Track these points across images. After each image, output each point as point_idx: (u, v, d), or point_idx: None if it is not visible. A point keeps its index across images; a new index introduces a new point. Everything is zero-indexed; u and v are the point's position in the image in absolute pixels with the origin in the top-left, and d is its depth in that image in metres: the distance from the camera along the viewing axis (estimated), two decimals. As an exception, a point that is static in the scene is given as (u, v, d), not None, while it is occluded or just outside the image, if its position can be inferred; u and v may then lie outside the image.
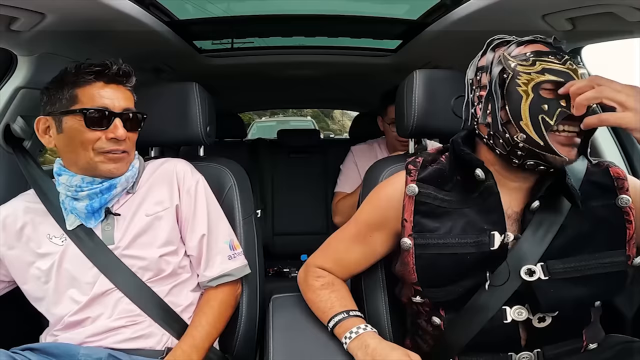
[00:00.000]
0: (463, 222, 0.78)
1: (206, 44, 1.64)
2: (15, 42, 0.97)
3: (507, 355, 0.79)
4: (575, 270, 0.74)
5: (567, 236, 0.76)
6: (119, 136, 0.89)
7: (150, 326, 0.91)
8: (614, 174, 0.79)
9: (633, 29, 0.91)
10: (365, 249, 0.89)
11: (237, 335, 1.05)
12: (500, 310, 0.76)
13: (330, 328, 0.83)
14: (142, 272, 0.93)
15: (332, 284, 0.90)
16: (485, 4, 0.98)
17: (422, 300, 0.83)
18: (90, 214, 0.91)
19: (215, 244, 1.00)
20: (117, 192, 0.93)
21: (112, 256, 0.91)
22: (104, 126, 0.88)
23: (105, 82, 0.90)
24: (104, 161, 0.90)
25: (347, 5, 1.52)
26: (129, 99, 0.94)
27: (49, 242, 0.92)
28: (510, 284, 0.75)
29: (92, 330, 0.89)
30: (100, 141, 0.89)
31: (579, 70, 0.71)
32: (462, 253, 0.76)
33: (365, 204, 0.91)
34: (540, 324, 0.76)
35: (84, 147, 0.89)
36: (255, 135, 4.74)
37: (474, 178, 0.76)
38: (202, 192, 1.02)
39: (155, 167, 1.03)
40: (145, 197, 0.97)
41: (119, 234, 0.93)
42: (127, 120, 0.91)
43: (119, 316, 0.90)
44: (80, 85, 0.89)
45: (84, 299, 0.89)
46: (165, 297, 0.94)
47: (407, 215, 0.81)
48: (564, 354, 0.80)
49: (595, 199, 0.77)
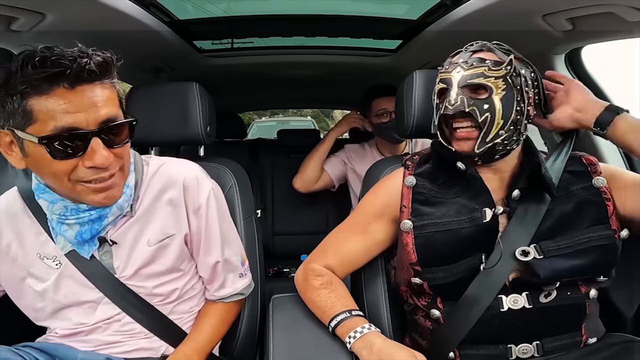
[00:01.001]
0: (456, 207, 0.85)
1: (206, 44, 1.64)
2: (15, 42, 0.97)
3: (507, 347, 0.80)
4: (568, 247, 0.79)
5: (554, 219, 0.82)
6: (99, 164, 0.67)
7: (150, 339, 0.88)
8: (586, 161, 0.88)
9: (633, 29, 0.91)
10: (365, 238, 0.92)
11: (237, 335, 1.05)
12: (496, 299, 0.79)
13: (332, 328, 0.83)
14: (148, 298, 0.86)
15: (330, 283, 0.90)
16: (485, 4, 0.98)
17: (420, 282, 0.84)
18: (81, 243, 0.78)
19: (228, 264, 0.94)
20: (110, 221, 0.79)
21: (117, 282, 0.83)
22: (79, 152, 0.67)
23: (69, 86, 0.64)
24: (87, 192, 0.71)
25: (347, 5, 1.52)
26: (109, 102, 0.69)
27: (41, 262, 0.81)
28: (505, 267, 0.79)
29: (88, 343, 0.85)
30: (78, 170, 0.68)
31: (469, 71, 0.82)
32: (457, 228, 0.82)
33: (365, 197, 0.97)
34: (547, 299, 0.79)
35: (57, 179, 0.69)
36: (255, 135, 4.74)
37: (458, 171, 0.85)
38: (213, 210, 0.88)
39: (156, 170, 0.87)
40: (147, 221, 0.83)
41: (120, 263, 0.83)
42: (110, 135, 0.69)
43: (118, 332, 0.85)
44: (32, 95, 0.63)
45: (84, 320, 0.83)
46: (169, 314, 0.90)
47: (406, 202, 0.88)
48: (563, 347, 0.81)
49: (574, 184, 0.86)
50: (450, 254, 0.82)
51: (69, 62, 0.63)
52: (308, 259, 0.97)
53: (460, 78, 0.82)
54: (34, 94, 0.64)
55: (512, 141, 0.82)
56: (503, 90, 0.80)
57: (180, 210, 0.85)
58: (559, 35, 1.03)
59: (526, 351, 0.80)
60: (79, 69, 0.64)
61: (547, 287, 0.79)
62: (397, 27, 1.43)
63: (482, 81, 0.80)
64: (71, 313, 0.84)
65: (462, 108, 0.80)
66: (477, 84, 0.81)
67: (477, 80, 0.81)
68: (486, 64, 0.81)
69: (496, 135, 0.80)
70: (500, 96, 0.80)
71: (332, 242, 0.96)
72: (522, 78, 0.82)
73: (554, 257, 0.78)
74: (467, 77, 0.82)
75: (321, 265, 0.93)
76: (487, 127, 0.80)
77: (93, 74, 0.66)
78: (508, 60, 0.81)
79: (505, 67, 0.81)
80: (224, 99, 2.28)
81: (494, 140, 0.81)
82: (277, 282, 1.86)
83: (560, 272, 0.78)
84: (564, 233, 0.80)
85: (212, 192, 0.90)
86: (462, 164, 0.84)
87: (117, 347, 0.85)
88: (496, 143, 0.81)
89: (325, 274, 0.92)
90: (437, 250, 0.83)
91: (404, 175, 0.91)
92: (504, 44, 0.86)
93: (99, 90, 0.68)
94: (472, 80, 0.81)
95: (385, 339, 0.79)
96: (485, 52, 0.84)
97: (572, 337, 0.81)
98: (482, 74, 0.81)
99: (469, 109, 0.80)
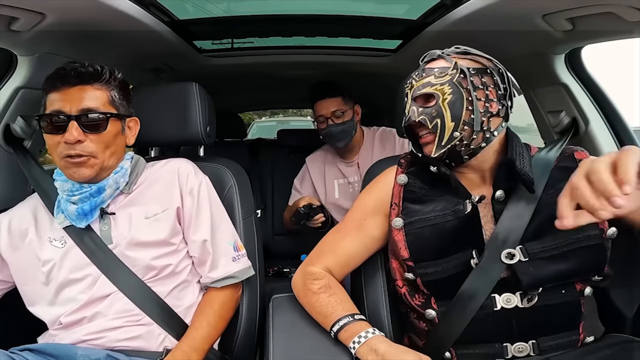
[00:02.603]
0: (443, 203, 0.87)
1: (206, 44, 1.64)
2: (15, 42, 0.98)
3: (502, 346, 0.80)
4: (553, 249, 0.79)
5: (540, 219, 0.81)
6: (68, 140, 0.86)
7: (149, 325, 0.91)
8: (578, 157, 0.88)
9: (633, 29, 0.91)
10: (361, 234, 0.94)
11: (237, 335, 1.05)
12: (489, 298, 0.80)
13: (334, 333, 0.82)
14: (142, 272, 0.92)
15: (329, 287, 0.89)
16: (485, 4, 0.98)
17: (413, 278, 0.85)
18: (81, 215, 0.90)
19: (218, 245, 0.99)
20: (109, 194, 0.93)
21: (112, 255, 0.91)
22: (59, 131, 0.87)
23: (69, 85, 0.88)
24: (66, 165, 0.89)
25: (347, 5, 1.52)
26: (93, 99, 0.89)
27: (50, 245, 0.92)
28: (495, 268, 0.80)
29: (90, 329, 0.88)
30: (60, 146, 0.87)
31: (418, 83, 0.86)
32: (442, 222, 0.85)
33: (360, 195, 0.99)
34: (529, 304, 0.80)
35: (51, 152, 0.90)
36: (255, 135, 4.74)
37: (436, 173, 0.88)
38: (205, 193, 1.01)
39: (157, 167, 1.02)
40: (142, 197, 0.97)
41: (117, 233, 0.93)
42: (86, 122, 0.88)
43: (117, 316, 0.89)
44: (48, 91, 0.89)
45: (84, 297, 0.89)
46: (165, 297, 0.94)
47: (396, 200, 0.91)
48: (559, 347, 0.81)
49: (563, 181, 0.81)
50: (438, 248, 0.84)
51: (68, 70, 0.88)
52: (305, 262, 0.97)
53: (413, 90, 0.87)
54: (50, 90, 0.89)
55: (475, 140, 0.83)
56: (450, 94, 0.82)
57: (175, 190, 0.98)
58: (559, 35, 1.03)
59: (522, 350, 0.80)
60: (69, 73, 0.88)
61: (530, 292, 0.79)
62: (397, 27, 1.43)
63: (429, 90, 0.84)
64: (71, 292, 0.90)
65: (413, 119, 0.85)
66: (424, 93, 0.85)
67: (424, 90, 0.85)
68: (433, 72, 0.85)
69: (450, 137, 0.83)
70: (447, 100, 0.82)
71: (328, 242, 0.97)
72: (470, 78, 0.82)
73: (539, 259, 0.79)
74: (416, 89, 0.86)
75: (319, 268, 0.93)
76: (440, 132, 0.83)
77: (79, 78, 0.88)
78: (453, 65, 0.84)
79: (450, 71, 0.83)
80: (224, 99, 2.27)
81: (450, 143, 0.83)
82: (277, 282, 1.86)
83: (543, 278, 0.78)
84: (551, 234, 0.80)
85: (206, 181, 1.03)
86: (433, 166, 0.88)
87: (118, 334, 0.88)
88: (455, 145, 0.83)
89: (323, 276, 0.91)
90: (426, 244, 0.85)
91: (397, 173, 0.94)
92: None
93: (89, 90, 0.90)
94: (420, 91, 0.85)
95: (391, 343, 0.79)
96: (435, 61, 0.88)
97: (569, 336, 0.81)
98: (428, 83, 0.85)
99: (419, 118, 0.84)
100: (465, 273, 0.81)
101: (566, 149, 0.91)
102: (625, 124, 1.18)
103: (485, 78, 0.84)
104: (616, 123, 1.17)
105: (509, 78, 0.87)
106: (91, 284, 0.90)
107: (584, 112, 1.17)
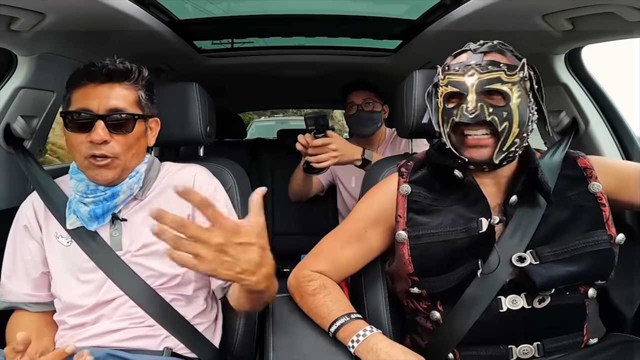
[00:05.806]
0: (452, 216, 0.83)
1: (206, 44, 1.64)
2: (15, 42, 0.97)
3: (507, 348, 0.80)
4: (564, 252, 0.79)
5: (549, 225, 0.81)
6: (94, 140, 0.83)
7: (152, 327, 0.90)
8: (581, 165, 0.87)
9: (633, 29, 0.91)
10: (361, 246, 0.91)
11: (236, 335, 1.05)
12: (495, 300, 0.79)
13: (332, 333, 0.82)
14: (151, 279, 0.90)
15: (324, 287, 0.89)
16: (485, 4, 0.98)
17: (419, 292, 0.84)
18: (93, 218, 0.89)
19: None
20: (122, 200, 0.90)
21: (119, 260, 0.89)
22: (86, 129, 0.84)
23: (98, 83, 0.85)
24: (89, 166, 0.86)
25: (347, 5, 1.52)
26: (121, 98, 0.87)
27: (56, 240, 0.92)
28: (502, 272, 0.79)
29: (93, 331, 0.88)
30: (84, 145, 0.84)
31: (485, 76, 0.78)
32: (453, 239, 0.81)
33: (361, 203, 0.95)
34: (540, 305, 0.79)
35: (73, 150, 0.87)
36: (253, 135, 4.73)
37: (455, 179, 0.83)
38: (221, 197, 0.98)
39: (172, 172, 0.99)
40: (155, 204, 0.93)
41: (127, 240, 0.91)
42: (113, 122, 0.85)
43: (121, 318, 0.89)
44: (74, 87, 0.86)
45: (90, 301, 0.88)
46: (171, 302, 0.91)
47: (401, 212, 0.87)
48: (564, 348, 0.81)
49: (570, 189, 0.85)
50: (446, 264, 0.82)
51: (94, 64, 0.85)
52: (300, 266, 0.95)
53: (477, 83, 0.78)
54: (76, 86, 0.86)
55: (521, 147, 0.82)
56: (518, 97, 0.78)
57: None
58: (559, 35, 1.03)
59: (527, 352, 0.80)
60: (99, 70, 0.84)
61: (542, 292, 0.79)
62: (397, 27, 1.42)
63: (500, 87, 0.77)
64: (77, 296, 0.88)
65: (482, 117, 0.77)
66: (495, 89, 0.78)
67: (495, 86, 0.77)
68: (502, 69, 0.78)
69: (512, 143, 0.79)
70: (517, 103, 0.78)
71: (326, 249, 0.94)
72: (531, 82, 0.81)
73: (550, 262, 0.78)
74: (484, 83, 0.78)
75: (314, 271, 0.92)
76: (505, 136, 0.78)
77: (110, 75, 0.85)
78: (521, 65, 0.79)
79: (518, 72, 0.79)
80: (223, 99, 2.27)
81: (510, 149, 0.79)
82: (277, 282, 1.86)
83: (556, 279, 0.77)
84: (560, 239, 0.80)
85: (219, 185, 1.01)
86: (459, 171, 0.82)
87: (120, 335, 0.87)
88: (511, 151, 0.80)
89: (318, 277, 0.91)
90: (433, 261, 0.82)
91: (399, 183, 0.89)
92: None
93: (117, 88, 0.87)
94: (490, 86, 0.77)
95: (392, 342, 0.78)
96: (495, 54, 0.81)
97: (574, 337, 0.81)
98: (498, 79, 0.77)
99: (489, 118, 0.77)
100: (472, 279, 0.80)
101: (569, 152, 0.90)
102: (625, 124, 1.18)
103: (536, 84, 0.83)
104: (616, 123, 1.17)
105: (540, 81, 0.85)
106: (97, 287, 0.89)
107: (584, 112, 1.18)
